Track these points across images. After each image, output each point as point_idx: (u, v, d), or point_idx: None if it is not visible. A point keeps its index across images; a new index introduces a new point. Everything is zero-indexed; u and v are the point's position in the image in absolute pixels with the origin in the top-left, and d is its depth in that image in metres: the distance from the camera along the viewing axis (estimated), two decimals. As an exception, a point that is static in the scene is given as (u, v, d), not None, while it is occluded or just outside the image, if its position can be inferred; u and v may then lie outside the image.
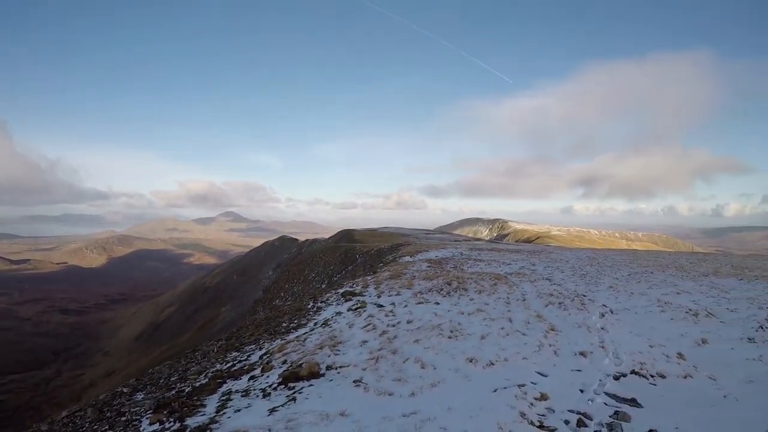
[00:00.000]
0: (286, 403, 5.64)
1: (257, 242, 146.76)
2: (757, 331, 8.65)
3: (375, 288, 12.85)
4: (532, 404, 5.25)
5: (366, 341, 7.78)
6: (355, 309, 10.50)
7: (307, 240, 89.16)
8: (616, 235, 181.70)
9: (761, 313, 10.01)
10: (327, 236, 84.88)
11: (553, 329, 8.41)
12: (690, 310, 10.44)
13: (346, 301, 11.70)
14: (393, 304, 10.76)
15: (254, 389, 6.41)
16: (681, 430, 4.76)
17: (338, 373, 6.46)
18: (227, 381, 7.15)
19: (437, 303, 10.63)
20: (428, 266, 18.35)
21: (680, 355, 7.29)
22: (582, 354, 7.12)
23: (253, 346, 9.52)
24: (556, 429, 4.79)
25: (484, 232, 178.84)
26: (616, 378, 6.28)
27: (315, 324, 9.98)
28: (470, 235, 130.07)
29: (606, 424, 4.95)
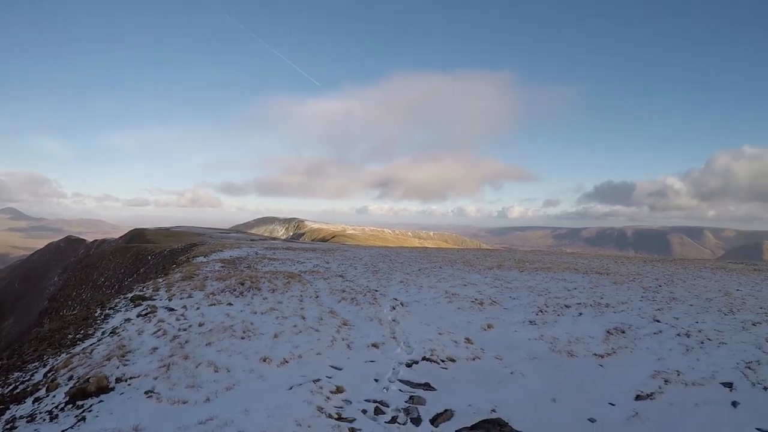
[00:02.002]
0: (75, 424, 6.26)
1: (41, 243, 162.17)
2: (537, 314, 12.74)
3: (166, 291, 14.17)
4: (328, 398, 6.85)
5: (157, 348, 8.70)
6: (145, 314, 11.55)
7: (96, 240, 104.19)
8: (409, 234, 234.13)
9: (540, 299, 14.57)
10: (117, 236, 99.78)
11: (345, 324, 10.60)
12: (476, 299, 14.36)
13: (135, 306, 12.77)
14: (185, 307, 12.05)
15: (40, 412, 6.87)
16: (473, 407, 6.98)
17: (129, 384, 7.27)
18: (10, 406, 7.61)
19: (230, 304, 12.36)
20: (222, 266, 21.09)
21: (468, 340, 10.32)
22: (374, 346, 9.29)
23: (36, 363, 10.02)
24: (354, 419, 6.41)
25: (281, 231, 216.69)
26: (409, 365, 8.51)
27: (103, 333, 10.66)
28: (266, 235, 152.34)
29: (403, 408, 6.86)
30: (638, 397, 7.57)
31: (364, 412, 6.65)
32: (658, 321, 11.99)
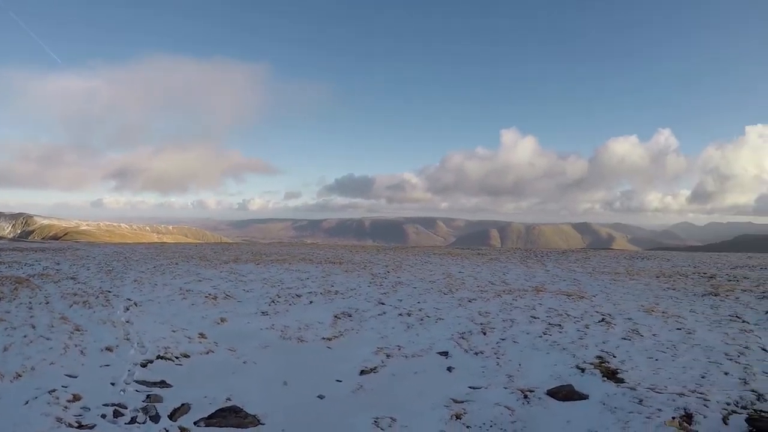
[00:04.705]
0: None
1: None
2: (269, 305, 13.90)
3: None
4: (66, 407, 6.84)
5: None
6: None
7: None
8: (147, 228, 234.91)
9: (273, 290, 15.93)
10: None
11: (78, 329, 10.35)
12: (210, 294, 15.10)
13: None
14: None
15: None
16: (209, 398, 7.57)
17: None
18: None
19: (-47, 319, 10.93)
20: (-59, 277, 18.65)
21: (202, 335, 10.87)
22: (109, 349, 9.33)
23: None
24: (94, 425, 6.55)
25: (7, 229, 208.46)
26: (144, 365, 8.75)
27: None
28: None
29: (141, 408, 7.15)
30: (363, 372, 8.82)
31: (104, 416, 6.74)
32: (383, 303, 13.94)
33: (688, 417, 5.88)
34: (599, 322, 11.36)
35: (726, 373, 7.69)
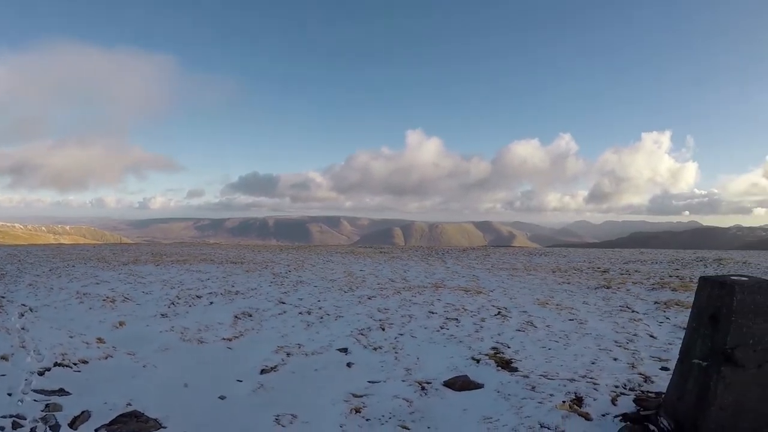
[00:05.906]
0: None
1: None
2: (169, 307, 13.91)
3: None
4: None
5: None
6: None
7: None
8: (43, 229, 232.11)
9: (173, 291, 15.92)
10: None
11: None
12: (108, 297, 14.85)
13: None
14: None
15: None
16: (109, 404, 7.54)
17: None
18: None
19: None
20: None
21: (100, 340, 10.69)
22: (4, 358, 8.98)
23: None
24: (-8, 438, 6.50)
25: None
26: (41, 373, 8.53)
27: None
28: None
29: (40, 418, 7.05)
30: (263, 371, 9.00)
31: (2, 429, 6.52)
32: (283, 303, 14.22)
33: (578, 400, 6.41)
34: (495, 315, 12.18)
35: (615, 359, 8.49)
